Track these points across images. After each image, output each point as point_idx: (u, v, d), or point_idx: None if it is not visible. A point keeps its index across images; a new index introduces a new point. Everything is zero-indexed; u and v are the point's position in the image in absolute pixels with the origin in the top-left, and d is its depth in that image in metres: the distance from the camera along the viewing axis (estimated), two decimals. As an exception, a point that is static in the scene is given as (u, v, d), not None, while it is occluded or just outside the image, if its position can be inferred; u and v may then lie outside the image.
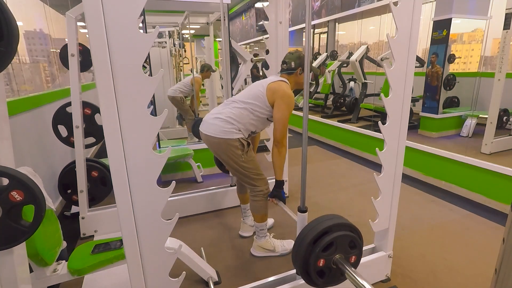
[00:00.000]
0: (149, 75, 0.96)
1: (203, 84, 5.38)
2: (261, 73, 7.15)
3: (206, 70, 4.05)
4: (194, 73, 3.95)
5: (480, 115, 3.63)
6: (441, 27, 3.63)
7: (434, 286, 1.62)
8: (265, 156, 2.43)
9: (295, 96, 1.86)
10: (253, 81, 7.40)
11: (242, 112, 1.67)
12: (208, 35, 4.25)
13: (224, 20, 2.44)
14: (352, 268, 1.19)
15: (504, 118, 3.29)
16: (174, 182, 1.11)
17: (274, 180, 1.76)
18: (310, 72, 1.78)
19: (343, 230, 1.24)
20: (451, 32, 3.58)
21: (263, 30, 8.81)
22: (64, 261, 1.43)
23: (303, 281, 1.42)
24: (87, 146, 2.20)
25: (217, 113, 1.71)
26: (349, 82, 5.63)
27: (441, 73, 3.75)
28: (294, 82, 1.79)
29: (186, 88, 3.97)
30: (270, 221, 2.22)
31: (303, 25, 6.57)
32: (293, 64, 1.76)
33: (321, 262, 1.21)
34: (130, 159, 1.00)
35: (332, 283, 1.27)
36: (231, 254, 1.92)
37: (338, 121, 4.46)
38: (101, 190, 2.28)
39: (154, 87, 0.97)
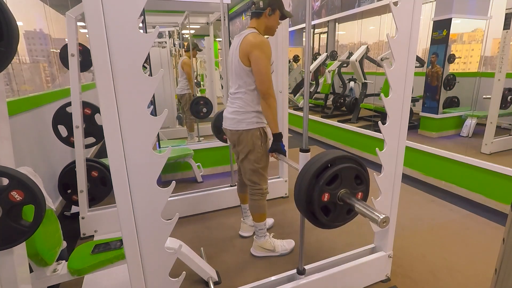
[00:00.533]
0: (149, 75, 0.96)
1: (203, 84, 5.38)
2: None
3: (193, 49, 3.94)
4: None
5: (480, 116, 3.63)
6: (441, 27, 3.63)
7: (434, 286, 1.62)
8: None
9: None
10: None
11: (248, 96, 1.63)
12: (208, 35, 4.25)
13: (224, 20, 2.44)
14: (361, 201, 1.10)
15: (509, 97, 3.23)
16: (174, 182, 1.11)
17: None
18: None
19: (348, 162, 1.15)
20: (451, 32, 3.58)
21: (263, 30, 8.79)
22: (64, 261, 1.43)
23: (304, 281, 1.42)
24: (87, 146, 2.21)
25: (233, 107, 1.68)
26: (349, 82, 5.63)
27: (441, 73, 3.75)
28: (264, 26, 1.63)
29: (185, 79, 4.00)
30: (270, 221, 2.22)
31: (303, 25, 6.57)
32: (261, 3, 1.58)
33: (326, 197, 1.11)
34: (130, 159, 1.00)
35: (339, 221, 1.20)
36: (231, 254, 1.92)
37: (338, 121, 4.46)
38: (101, 190, 2.28)
39: (154, 87, 0.97)
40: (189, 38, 4.14)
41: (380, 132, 1.41)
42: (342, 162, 1.14)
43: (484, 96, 3.26)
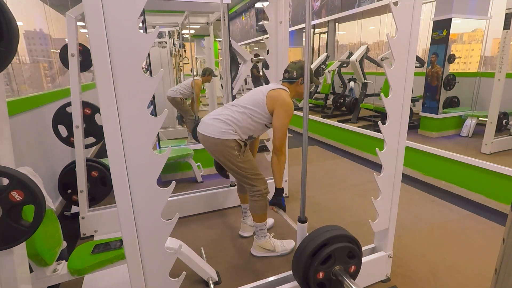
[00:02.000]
0: (149, 75, 0.96)
1: (203, 86, 5.37)
2: (261, 73, 7.16)
3: (207, 74, 4.06)
4: (194, 75, 3.95)
5: (480, 117, 3.63)
6: (441, 27, 3.63)
7: (434, 286, 1.62)
8: (265, 156, 2.43)
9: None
10: (253, 81, 7.40)
11: (241, 116, 1.68)
12: (208, 35, 4.25)
13: (224, 20, 2.44)
14: (351, 280, 1.22)
15: (504, 121, 3.29)
16: (174, 182, 1.11)
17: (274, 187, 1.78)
18: (311, 83, 1.80)
19: (341, 242, 1.26)
20: (451, 32, 3.58)
21: (263, 30, 8.81)
22: (64, 261, 1.43)
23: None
24: (87, 146, 2.20)
25: (215, 114, 1.72)
26: (349, 82, 5.63)
27: (441, 73, 3.75)
28: (295, 92, 1.80)
29: (187, 91, 3.98)
30: (270, 221, 2.22)
31: (303, 25, 6.57)
32: (295, 73, 1.77)
33: (321, 275, 1.23)
34: (130, 159, 1.00)
35: None
36: (231, 254, 1.92)
37: (338, 121, 4.46)
38: (101, 190, 2.28)
39: (154, 87, 0.97)
40: (205, 68, 4.18)
41: (380, 132, 1.41)
42: (337, 241, 1.25)
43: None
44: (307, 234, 1.33)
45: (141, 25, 2.83)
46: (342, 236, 1.27)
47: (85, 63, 2.13)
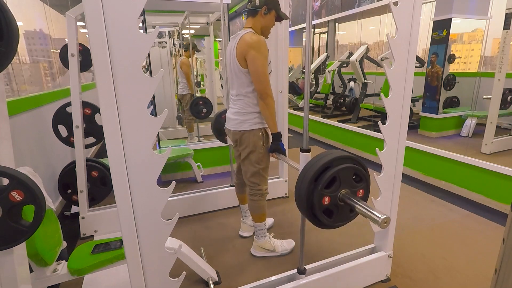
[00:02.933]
0: (149, 75, 0.96)
1: (203, 84, 5.37)
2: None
3: (192, 49, 3.97)
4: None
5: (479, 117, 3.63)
6: (441, 27, 3.63)
7: (434, 286, 1.62)
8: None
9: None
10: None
11: (247, 95, 1.64)
12: (208, 35, 4.25)
13: (224, 20, 2.44)
14: (362, 202, 1.09)
15: (509, 97, 3.22)
16: (174, 182, 1.11)
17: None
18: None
19: (345, 163, 1.14)
20: (451, 32, 3.58)
21: (263, 30, 8.79)
22: (64, 261, 1.43)
23: (304, 281, 1.42)
24: (87, 146, 2.20)
25: (235, 108, 1.70)
26: (349, 82, 5.63)
27: (441, 73, 3.75)
28: (260, 26, 1.62)
29: (184, 79, 4.01)
30: (270, 221, 2.22)
31: (303, 25, 6.56)
32: (257, 1, 1.57)
33: (326, 200, 1.12)
34: (130, 159, 1.00)
35: (343, 221, 1.20)
36: (231, 254, 1.92)
37: (338, 121, 4.46)
38: (101, 190, 2.28)
39: (154, 87, 0.97)
40: (188, 38, 4.14)
41: (380, 132, 1.41)
42: (339, 163, 1.14)
43: (484, 97, 3.26)
44: None
45: (141, 25, 2.83)
46: (346, 157, 1.15)
47: (85, 63, 2.13)
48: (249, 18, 1.63)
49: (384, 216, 0.99)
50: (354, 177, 1.16)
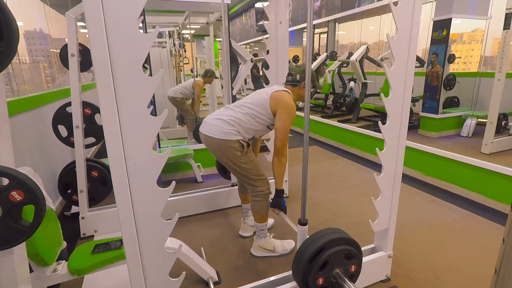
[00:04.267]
0: (149, 75, 0.96)
1: (204, 89, 5.36)
2: (261, 73, 7.16)
3: (209, 76, 4.05)
4: (195, 75, 3.95)
5: (479, 118, 3.63)
6: (441, 27, 3.63)
7: (434, 286, 1.62)
8: (265, 156, 2.43)
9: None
10: (253, 81, 7.39)
11: (244, 116, 1.68)
12: (208, 35, 4.25)
13: (224, 20, 2.44)
14: (350, 282, 1.23)
15: (503, 122, 3.29)
16: (174, 182, 1.11)
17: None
18: (313, 88, 1.82)
19: (336, 245, 1.26)
20: (451, 32, 3.58)
21: (263, 30, 8.80)
22: (64, 261, 1.43)
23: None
24: (87, 146, 2.20)
25: (218, 114, 1.72)
26: (349, 82, 5.63)
27: (441, 73, 3.75)
28: (297, 94, 1.81)
29: (188, 91, 3.99)
30: (270, 221, 2.22)
31: (303, 25, 6.56)
32: (298, 77, 1.79)
33: (320, 281, 1.24)
34: (130, 159, 1.00)
35: None
36: (231, 254, 1.92)
37: (338, 121, 4.46)
38: (101, 190, 2.28)
39: (154, 87, 0.97)
40: (207, 69, 4.16)
41: (380, 132, 1.41)
42: (333, 245, 1.26)
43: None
44: (307, 236, 1.33)
45: (141, 25, 2.83)
46: (337, 239, 1.27)
47: (85, 63, 2.13)
48: (289, 86, 1.81)
49: None
50: (346, 257, 1.29)
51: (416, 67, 2.63)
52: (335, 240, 1.26)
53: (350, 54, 5.13)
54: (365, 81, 4.78)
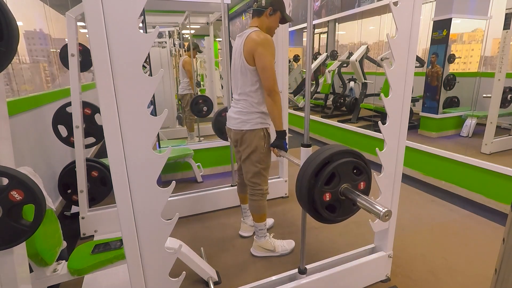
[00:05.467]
0: (149, 75, 0.96)
1: (203, 84, 5.37)
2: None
3: (193, 49, 3.99)
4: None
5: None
6: (441, 27, 3.63)
7: (434, 286, 1.62)
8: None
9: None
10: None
11: (250, 94, 1.64)
12: (208, 35, 4.25)
13: (224, 20, 2.44)
14: (364, 196, 1.09)
15: (509, 96, 3.23)
16: (174, 182, 1.11)
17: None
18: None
19: (344, 157, 1.13)
20: (451, 32, 3.58)
21: (263, 30, 8.78)
22: (64, 261, 1.43)
23: (305, 280, 1.42)
24: (87, 146, 2.20)
25: (238, 108, 1.69)
26: (349, 82, 5.63)
27: (441, 73, 3.75)
28: (265, 26, 1.63)
29: (186, 79, 4.02)
30: (270, 221, 2.22)
31: (303, 25, 6.56)
32: (263, 1, 1.59)
33: (327, 196, 1.12)
34: (130, 159, 1.00)
35: (346, 214, 1.19)
36: (231, 254, 1.92)
37: (338, 121, 4.46)
38: (101, 190, 2.28)
39: (154, 87, 0.97)
40: (189, 38, 4.15)
41: (380, 132, 1.41)
42: (338, 157, 1.13)
43: (484, 95, 3.26)
44: None
45: (141, 25, 2.83)
46: (344, 151, 1.14)
47: (85, 63, 2.13)
48: (255, 18, 1.65)
49: (386, 209, 0.99)
50: (354, 171, 1.16)
51: (416, 67, 2.63)
52: (341, 152, 1.14)
53: (350, 54, 5.13)
54: (365, 81, 4.78)
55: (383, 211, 0.99)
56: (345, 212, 1.18)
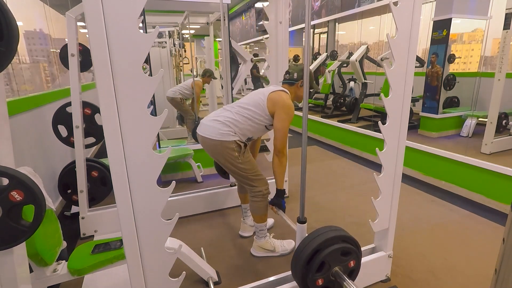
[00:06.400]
0: (149, 75, 0.96)
1: (204, 89, 5.36)
2: (261, 73, 7.16)
3: (208, 76, 4.06)
4: (194, 75, 3.96)
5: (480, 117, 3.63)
6: (441, 27, 3.63)
7: (434, 286, 1.62)
8: (265, 156, 2.43)
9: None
10: (253, 81, 7.40)
11: (241, 118, 1.68)
12: (208, 35, 4.25)
13: (224, 20, 2.44)
14: (349, 280, 1.23)
15: (504, 121, 3.29)
16: (174, 182, 1.11)
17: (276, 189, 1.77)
18: (311, 88, 1.79)
19: (331, 245, 1.25)
20: (451, 32, 3.58)
21: (263, 30, 8.80)
22: (64, 261, 1.43)
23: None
24: (87, 146, 2.20)
25: (215, 115, 1.72)
26: (349, 82, 5.63)
27: (441, 73, 3.75)
28: (295, 94, 1.80)
29: (187, 91, 3.99)
30: (270, 221, 2.22)
31: (303, 25, 6.56)
32: (295, 75, 1.78)
33: (320, 282, 1.24)
34: (130, 159, 1.00)
35: None
36: (231, 254, 1.92)
37: (338, 121, 4.46)
38: (101, 190, 2.28)
39: (154, 87, 0.97)
40: (205, 69, 4.19)
41: (380, 132, 1.41)
42: (326, 246, 1.24)
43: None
44: (307, 234, 1.32)
45: (141, 25, 2.83)
46: (331, 238, 1.26)
47: (85, 63, 2.13)
48: (285, 85, 1.81)
49: None
50: (342, 254, 1.27)
51: (416, 67, 2.63)
52: (329, 239, 1.25)
53: (350, 54, 5.13)
54: (365, 81, 4.78)
55: None
56: None
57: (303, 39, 7.33)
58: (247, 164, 1.71)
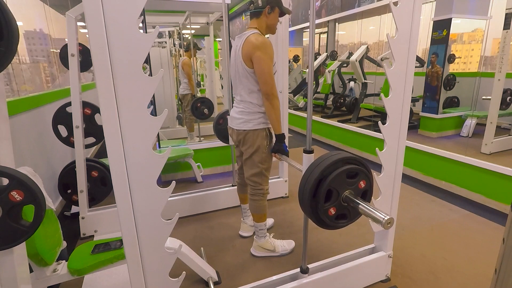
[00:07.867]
0: (149, 75, 0.96)
1: (203, 84, 5.37)
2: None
3: (193, 47, 3.98)
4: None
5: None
6: (441, 27, 3.63)
7: (434, 286, 1.62)
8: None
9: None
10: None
11: (252, 95, 1.64)
12: (208, 35, 4.25)
13: (224, 20, 2.44)
14: (365, 203, 1.10)
15: (508, 98, 3.23)
16: (174, 182, 1.11)
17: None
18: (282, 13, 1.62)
19: (334, 170, 1.13)
20: (451, 32, 3.58)
21: (263, 30, 8.78)
22: (64, 261, 1.43)
23: (307, 280, 1.43)
24: (87, 146, 2.20)
25: (240, 108, 1.70)
26: (349, 82, 5.63)
27: (441, 73, 3.75)
28: (265, 25, 1.62)
29: (185, 79, 4.04)
30: (270, 221, 2.22)
31: (303, 25, 6.56)
32: (260, 2, 1.56)
33: (332, 211, 1.14)
34: (130, 159, 1.00)
35: (358, 215, 1.17)
36: (231, 254, 1.92)
37: (338, 121, 4.46)
38: (101, 190, 2.28)
39: (154, 87, 0.97)
40: (189, 38, 4.16)
41: (380, 132, 1.41)
42: (329, 172, 1.13)
43: (483, 97, 3.26)
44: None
45: (141, 25, 2.83)
46: (332, 164, 1.14)
47: (85, 63, 2.13)
48: (253, 20, 1.63)
49: (388, 217, 0.99)
50: (348, 176, 1.15)
51: (416, 67, 2.63)
52: (329, 166, 1.14)
53: (350, 54, 5.13)
54: (365, 81, 4.77)
55: (386, 218, 0.99)
56: (356, 213, 1.17)
57: (304, 39, 7.33)
58: (268, 156, 1.72)
